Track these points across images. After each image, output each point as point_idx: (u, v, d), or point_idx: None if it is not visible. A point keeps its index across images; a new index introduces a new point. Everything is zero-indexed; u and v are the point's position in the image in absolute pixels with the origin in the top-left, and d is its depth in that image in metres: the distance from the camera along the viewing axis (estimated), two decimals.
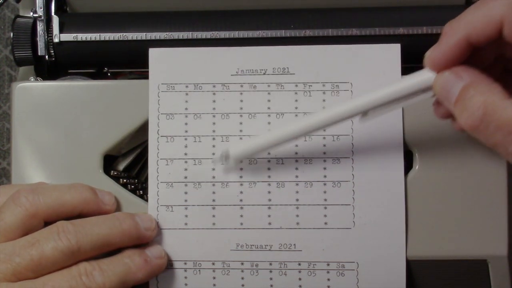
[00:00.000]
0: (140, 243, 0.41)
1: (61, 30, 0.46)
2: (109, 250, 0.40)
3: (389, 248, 0.42)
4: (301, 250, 0.42)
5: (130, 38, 0.46)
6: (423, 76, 0.36)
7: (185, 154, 0.43)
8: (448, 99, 0.34)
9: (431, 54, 0.35)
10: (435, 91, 0.35)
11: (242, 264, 0.42)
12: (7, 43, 0.60)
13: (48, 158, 0.43)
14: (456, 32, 0.34)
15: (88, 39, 0.46)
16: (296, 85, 0.43)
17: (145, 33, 0.46)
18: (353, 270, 0.42)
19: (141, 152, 0.45)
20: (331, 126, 0.39)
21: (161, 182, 0.43)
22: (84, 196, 0.41)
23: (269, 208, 0.42)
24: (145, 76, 0.45)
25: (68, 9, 0.49)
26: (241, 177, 0.43)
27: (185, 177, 0.43)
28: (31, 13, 0.46)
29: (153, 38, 0.45)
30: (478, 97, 0.32)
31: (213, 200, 0.43)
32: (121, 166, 0.45)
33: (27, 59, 0.46)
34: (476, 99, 0.32)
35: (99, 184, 0.43)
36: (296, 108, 0.43)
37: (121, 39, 0.46)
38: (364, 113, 0.38)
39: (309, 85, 0.43)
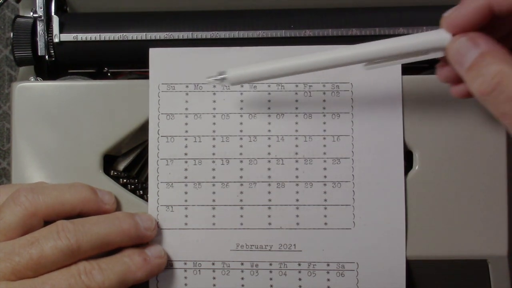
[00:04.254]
0: (140, 242, 0.41)
1: (61, 30, 0.46)
2: (108, 250, 0.40)
3: (389, 248, 0.42)
4: (301, 250, 0.42)
5: (130, 38, 0.46)
6: (439, 36, 0.35)
7: (185, 154, 0.43)
8: (462, 64, 0.34)
9: (450, 16, 0.35)
10: (448, 54, 0.35)
11: (242, 264, 0.42)
12: (7, 43, 0.60)
13: (48, 158, 0.43)
14: None
15: (88, 39, 0.46)
16: (297, 85, 0.43)
17: (145, 33, 0.46)
18: (353, 270, 0.42)
19: (141, 152, 0.45)
20: (332, 67, 0.38)
21: (161, 182, 0.43)
22: (84, 195, 0.41)
23: (269, 208, 0.42)
24: (145, 76, 0.45)
25: (68, 9, 0.49)
26: (241, 177, 0.43)
27: (185, 177, 0.43)
28: (31, 13, 0.46)
29: (153, 38, 0.46)
30: (494, 66, 0.32)
31: (213, 200, 0.43)
32: (121, 166, 0.45)
33: (27, 59, 0.46)
34: (493, 68, 0.32)
35: (99, 184, 0.43)
36: (297, 108, 0.43)
37: (121, 39, 0.46)
38: (370, 61, 0.37)
39: (309, 85, 0.43)
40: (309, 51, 0.42)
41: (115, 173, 0.45)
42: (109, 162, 0.44)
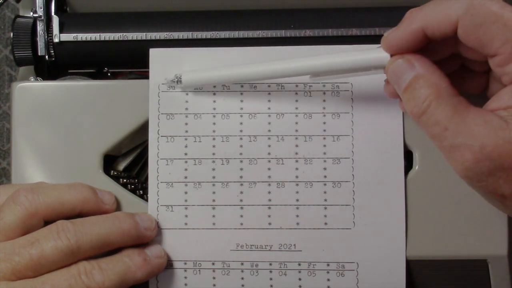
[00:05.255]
0: (140, 242, 0.41)
1: (61, 30, 0.46)
2: (108, 250, 0.40)
3: (389, 248, 0.42)
4: (301, 250, 0.42)
5: (130, 38, 0.46)
6: (379, 55, 0.37)
7: (185, 154, 0.43)
8: (398, 84, 0.35)
9: (388, 36, 0.36)
10: (386, 74, 0.37)
11: (242, 264, 0.42)
12: (7, 43, 0.60)
13: (48, 158, 0.43)
14: (414, 21, 0.35)
15: (88, 39, 0.46)
16: (297, 85, 0.43)
17: (145, 33, 0.46)
18: (353, 270, 0.42)
19: (141, 152, 0.45)
20: (278, 78, 0.40)
21: (161, 182, 0.43)
22: (84, 195, 0.41)
23: (269, 208, 0.42)
24: (145, 76, 0.45)
25: (68, 9, 0.49)
26: (241, 177, 0.43)
27: (185, 177, 0.43)
28: (31, 13, 0.46)
29: (153, 38, 0.46)
30: (426, 89, 0.34)
31: (213, 200, 0.43)
32: (121, 166, 0.45)
33: (27, 59, 0.46)
34: (424, 91, 0.34)
35: (99, 184, 0.43)
36: (297, 108, 0.43)
37: (121, 39, 0.46)
38: (315, 74, 0.39)
39: (309, 85, 0.43)
40: (301, 53, 0.43)
41: (115, 173, 0.45)
42: (109, 162, 0.44)
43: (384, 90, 0.39)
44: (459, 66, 0.39)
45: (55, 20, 0.46)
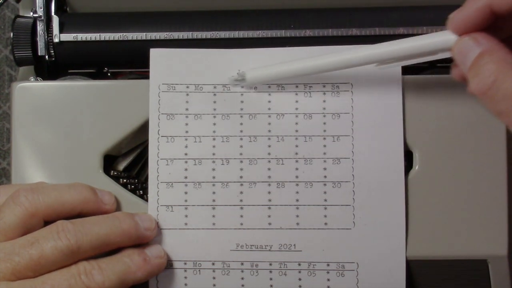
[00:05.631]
0: (140, 242, 0.41)
1: (61, 30, 0.46)
2: (108, 250, 0.40)
3: (389, 248, 0.42)
4: (301, 251, 0.42)
5: (130, 38, 0.46)
6: (445, 37, 0.36)
7: (186, 154, 0.43)
8: (464, 63, 0.35)
9: (454, 17, 0.35)
10: (453, 54, 0.36)
11: (242, 264, 0.42)
12: (7, 43, 0.60)
13: (48, 158, 0.43)
14: None
15: (88, 39, 0.46)
16: (297, 86, 0.43)
17: (145, 33, 0.46)
18: (353, 270, 0.42)
19: (141, 152, 0.45)
20: (345, 68, 0.40)
21: (161, 182, 0.43)
22: (83, 195, 0.41)
23: (269, 208, 0.42)
24: (145, 76, 0.45)
25: (68, 9, 0.49)
26: (241, 177, 0.43)
27: (185, 177, 0.43)
28: (31, 13, 0.46)
29: (153, 38, 0.46)
30: (491, 64, 0.33)
31: (213, 200, 0.43)
32: (121, 166, 0.45)
33: (27, 59, 0.46)
34: (489, 66, 0.33)
35: (99, 184, 0.43)
36: (297, 108, 0.43)
37: (121, 39, 0.46)
38: (382, 62, 0.39)
39: (310, 86, 0.43)
40: (311, 53, 0.43)
41: (115, 173, 0.45)
42: (109, 162, 0.44)
43: (452, 74, 0.38)
44: None
45: (55, 20, 0.46)
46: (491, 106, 0.33)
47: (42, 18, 0.46)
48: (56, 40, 0.46)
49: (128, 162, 0.45)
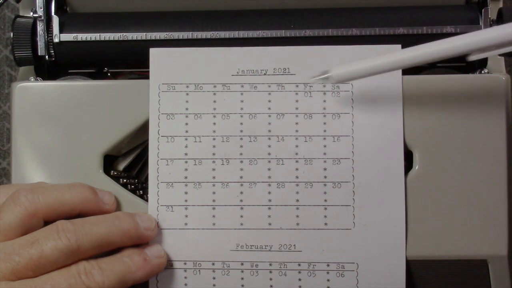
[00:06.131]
0: (140, 242, 0.41)
1: (61, 30, 0.46)
2: (108, 250, 0.39)
3: (389, 248, 0.42)
4: (301, 251, 0.42)
5: (130, 38, 0.46)
6: None
7: (186, 154, 0.43)
8: None
9: None
10: None
11: (242, 264, 0.42)
12: (7, 43, 0.60)
13: (48, 158, 0.43)
14: None
15: (88, 39, 0.46)
16: (297, 86, 0.43)
17: (145, 33, 0.46)
18: (353, 270, 0.42)
19: (141, 152, 0.45)
20: (429, 62, 0.39)
21: (161, 182, 0.43)
22: (84, 195, 0.41)
23: (269, 208, 0.42)
24: (145, 76, 0.45)
25: (68, 9, 0.49)
26: (241, 177, 0.43)
27: (185, 177, 0.43)
28: (31, 13, 0.46)
29: (153, 38, 0.46)
30: None
31: (213, 200, 0.43)
32: (121, 166, 0.45)
33: (27, 59, 0.46)
34: None
35: (99, 184, 0.43)
36: (297, 108, 0.43)
37: (121, 39, 0.46)
38: (473, 52, 0.38)
39: (310, 86, 0.43)
40: (311, 52, 0.42)
41: (115, 173, 0.45)
42: (109, 162, 0.44)
43: None
44: None
45: (55, 20, 0.46)
46: None
47: (42, 18, 0.46)
48: (56, 40, 0.46)
49: (128, 162, 0.45)
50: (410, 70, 0.43)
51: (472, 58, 0.39)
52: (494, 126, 0.42)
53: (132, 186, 0.45)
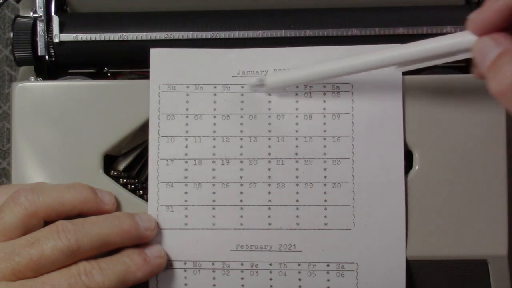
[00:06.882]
0: (140, 243, 0.41)
1: (61, 30, 0.46)
2: (108, 250, 0.40)
3: (389, 248, 0.42)
4: (301, 251, 0.42)
5: (130, 38, 0.46)
6: (464, 38, 0.36)
7: (186, 154, 0.43)
8: (483, 63, 0.34)
9: (474, 18, 0.35)
10: (472, 54, 0.35)
11: (242, 264, 0.42)
12: (7, 43, 0.60)
13: (48, 158, 0.43)
14: None
15: (88, 39, 0.46)
16: (297, 86, 0.43)
17: (145, 33, 0.46)
18: (353, 270, 0.42)
19: (141, 152, 0.45)
20: (365, 71, 0.39)
21: (161, 182, 0.43)
22: (83, 195, 0.41)
23: (269, 208, 0.42)
24: (145, 76, 0.45)
25: (68, 9, 0.49)
26: (241, 177, 0.43)
27: (185, 177, 0.43)
28: (31, 13, 0.46)
29: (153, 38, 0.46)
30: (511, 65, 0.32)
31: (213, 200, 0.43)
32: (121, 166, 0.45)
33: (27, 59, 0.46)
34: (509, 67, 0.32)
35: (99, 184, 0.43)
36: (297, 109, 0.43)
37: (121, 39, 0.46)
38: (402, 64, 0.39)
39: (310, 86, 0.43)
40: (312, 53, 0.43)
41: (115, 173, 0.45)
42: (109, 162, 0.44)
43: (472, 72, 0.38)
44: None
45: (55, 20, 0.46)
46: (510, 107, 0.33)
47: (42, 18, 0.46)
48: (56, 40, 0.46)
49: (128, 162, 0.45)
50: (410, 70, 0.43)
51: (402, 69, 0.40)
52: (494, 126, 0.42)
53: (132, 186, 0.45)
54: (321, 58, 0.43)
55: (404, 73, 0.43)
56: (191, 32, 0.46)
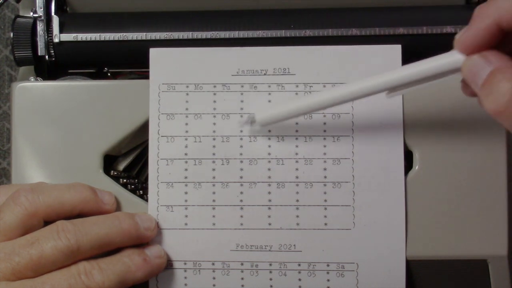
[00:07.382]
0: (140, 243, 0.41)
1: (61, 30, 0.46)
2: (108, 250, 0.40)
3: (389, 248, 0.42)
4: (301, 251, 0.42)
5: (130, 38, 0.46)
6: (452, 58, 0.35)
7: (186, 154, 0.43)
8: (475, 82, 0.34)
9: (461, 37, 0.35)
10: (463, 74, 0.35)
11: (242, 264, 0.42)
12: (7, 43, 0.60)
13: (48, 158, 0.43)
14: (486, 16, 0.33)
15: (88, 39, 0.46)
16: (297, 86, 0.43)
17: (145, 33, 0.46)
18: (353, 270, 0.42)
19: (141, 152, 0.45)
20: (354, 100, 0.39)
21: (161, 182, 0.43)
22: (83, 195, 0.41)
23: (269, 208, 0.42)
24: (145, 76, 0.45)
25: (68, 9, 0.49)
26: (241, 177, 0.43)
27: (185, 177, 0.43)
28: (31, 13, 0.46)
29: (153, 38, 0.46)
30: (505, 82, 0.32)
31: (213, 200, 0.43)
32: (121, 166, 0.45)
33: (27, 59, 0.46)
34: (503, 85, 0.32)
35: (99, 184, 0.43)
36: None
37: (121, 39, 0.46)
38: (391, 89, 0.38)
39: (310, 86, 0.43)
40: (311, 52, 0.42)
41: (115, 173, 0.45)
42: (109, 162, 0.44)
43: (462, 91, 0.38)
44: None
45: (55, 20, 0.46)
46: (508, 125, 0.33)
47: (42, 18, 0.46)
48: (56, 40, 0.46)
49: (128, 162, 0.45)
50: None
51: (392, 94, 0.39)
52: (494, 126, 0.42)
53: (132, 186, 0.45)
54: (321, 58, 0.43)
55: None
56: (191, 32, 0.45)
